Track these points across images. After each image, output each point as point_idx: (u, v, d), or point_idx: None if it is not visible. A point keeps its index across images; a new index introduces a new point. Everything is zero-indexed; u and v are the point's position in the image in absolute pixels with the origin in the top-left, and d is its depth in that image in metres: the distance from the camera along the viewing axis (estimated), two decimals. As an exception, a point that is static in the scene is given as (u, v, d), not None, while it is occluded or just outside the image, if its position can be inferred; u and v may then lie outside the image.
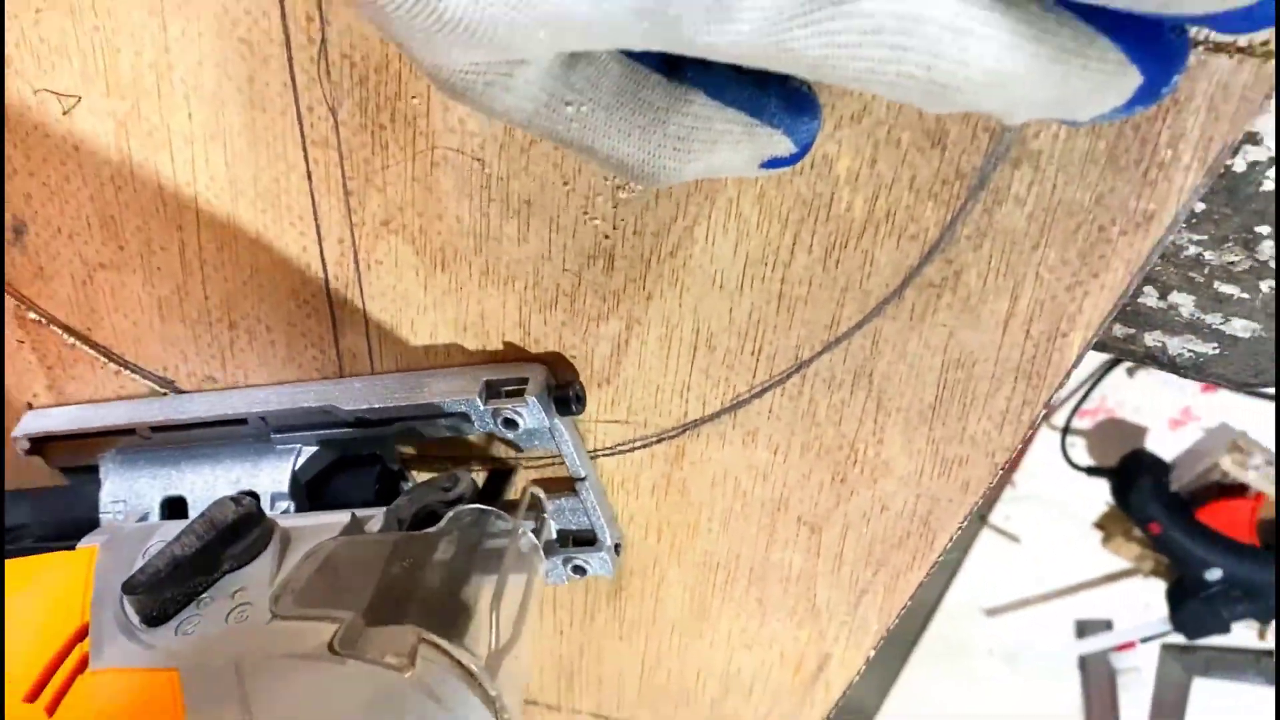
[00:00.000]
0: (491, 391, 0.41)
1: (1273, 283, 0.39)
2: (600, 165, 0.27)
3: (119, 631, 0.33)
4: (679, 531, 0.47)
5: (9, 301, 0.46)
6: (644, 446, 0.45)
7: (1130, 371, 1.34)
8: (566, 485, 0.45)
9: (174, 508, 0.45)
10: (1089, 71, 0.22)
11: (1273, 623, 1.43)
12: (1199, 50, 0.31)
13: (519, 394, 0.40)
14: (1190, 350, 0.42)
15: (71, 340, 0.46)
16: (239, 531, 0.35)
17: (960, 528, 0.43)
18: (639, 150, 0.25)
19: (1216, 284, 0.40)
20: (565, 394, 0.41)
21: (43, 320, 0.46)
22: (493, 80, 0.23)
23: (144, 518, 0.45)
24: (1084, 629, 1.56)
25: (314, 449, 0.44)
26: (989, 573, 1.51)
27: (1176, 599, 1.41)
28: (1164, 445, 1.39)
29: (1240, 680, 1.49)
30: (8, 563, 0.38)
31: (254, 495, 0.43)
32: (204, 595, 0.34)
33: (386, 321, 0.43)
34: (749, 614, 0.49)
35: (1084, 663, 1.57)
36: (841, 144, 0.35)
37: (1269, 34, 0.30)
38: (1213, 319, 0.41)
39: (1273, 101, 0.32)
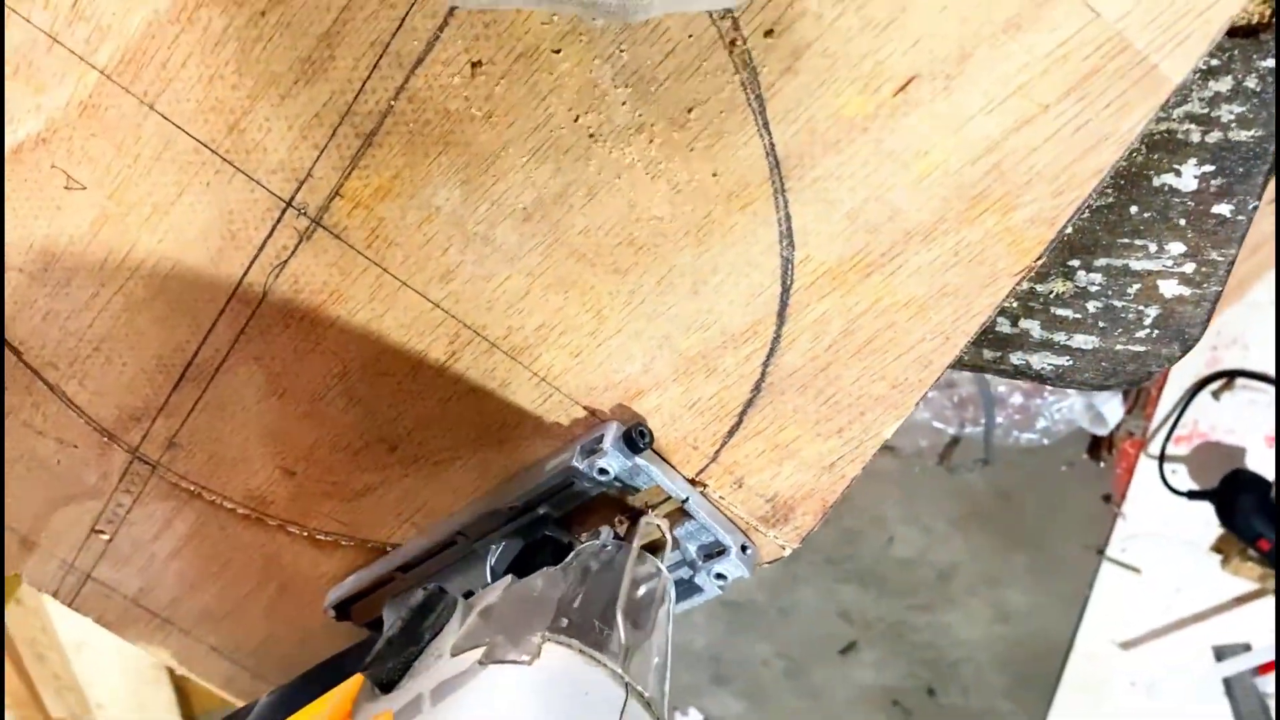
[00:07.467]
0: (584, 452, 0.53)
1: (1097, 303, 0.51)
2: (575, 8, 0.33)
3: (366, 701, 0.42)
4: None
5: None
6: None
7: (1216, 395, 1.50)
8: (684, 512, 0.56)
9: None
10: None
11: None
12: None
13: (600, 449, 0.52)
14: (1050, 364, 0.54)
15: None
16: (429, 608, 0.46)
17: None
18: None
19: (1052, 309, 0.52)
20: (630, 434, 0.53)
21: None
22: None
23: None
24: (1222, 653, 1.60)
25: (503, 544, 0.58)
26: (1116, 606, 1.63)
27: (1302, 608, 1.46)
28: (1265, 462, 1.48)
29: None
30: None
31: (441, 588, 0.51)
32: (416, 663, 0.44)
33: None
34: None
35: (1230, 687, 1.60)
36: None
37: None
38: (1058, 337, 0.53)
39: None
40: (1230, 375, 1.48)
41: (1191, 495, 1.50)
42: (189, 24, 0.47)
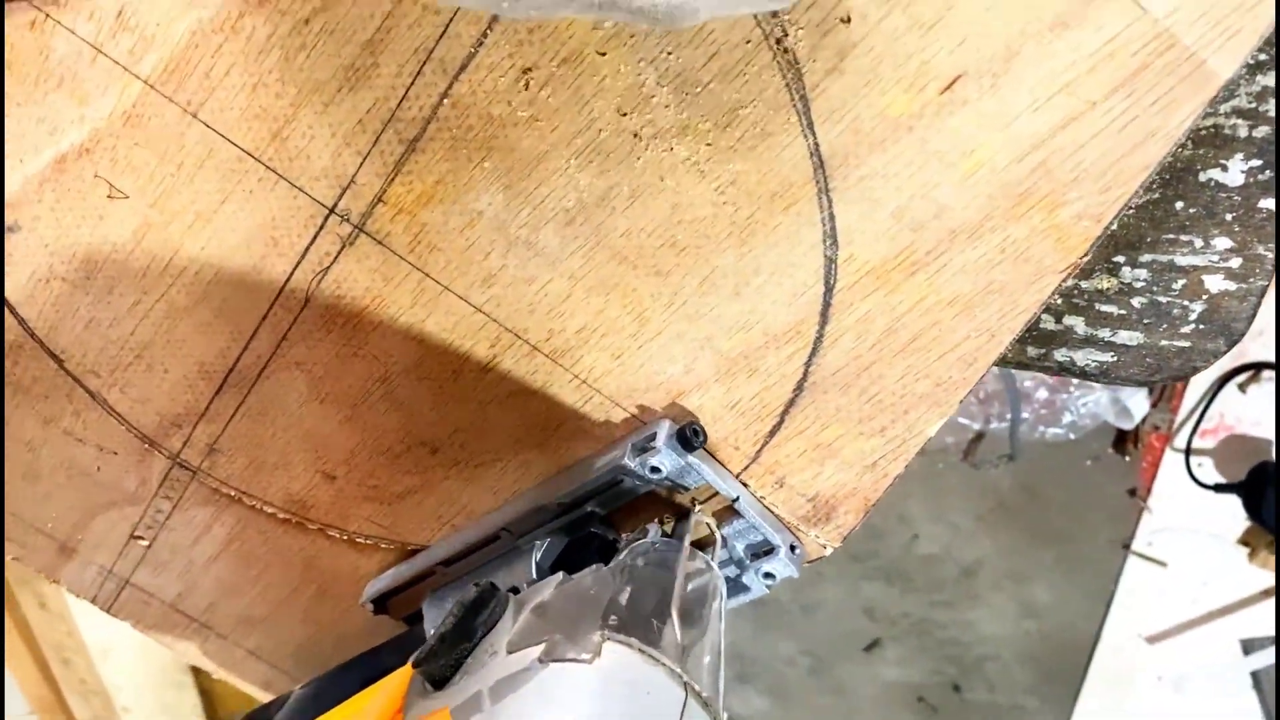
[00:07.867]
0: (635, 450, 0.53)
1: (1142, 298, 0.53)
2: (623, 16, 0.32)
3: (417, 698, 0.42)
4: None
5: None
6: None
7: (1242, 388, 1.49)
8: (733, 510, 0.56)
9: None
10: None
11: None
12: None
13: (653, 447, 0.53)
14: (1094, 360, 0.55)
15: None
16: (482, 604, 0.45)
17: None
18: None
19: (1097, 305, 0.54)
20: (684, 432, 0.53)
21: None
22: None
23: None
24: (1249, 646, 1.60)
25: (548, 541, 0.58)
26: (1143, 600, 1.62)
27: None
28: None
29: None
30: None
31: (494, 585, 0.50)
32: (469, 660, 0.43)
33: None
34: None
35: (1257, 680, 1.61)
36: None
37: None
38: (1103, 333, 0.54)
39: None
40: (1256, 368, 1.48)
41: (1218, 488, 1.50)
42: (233, 33, 0.47)
